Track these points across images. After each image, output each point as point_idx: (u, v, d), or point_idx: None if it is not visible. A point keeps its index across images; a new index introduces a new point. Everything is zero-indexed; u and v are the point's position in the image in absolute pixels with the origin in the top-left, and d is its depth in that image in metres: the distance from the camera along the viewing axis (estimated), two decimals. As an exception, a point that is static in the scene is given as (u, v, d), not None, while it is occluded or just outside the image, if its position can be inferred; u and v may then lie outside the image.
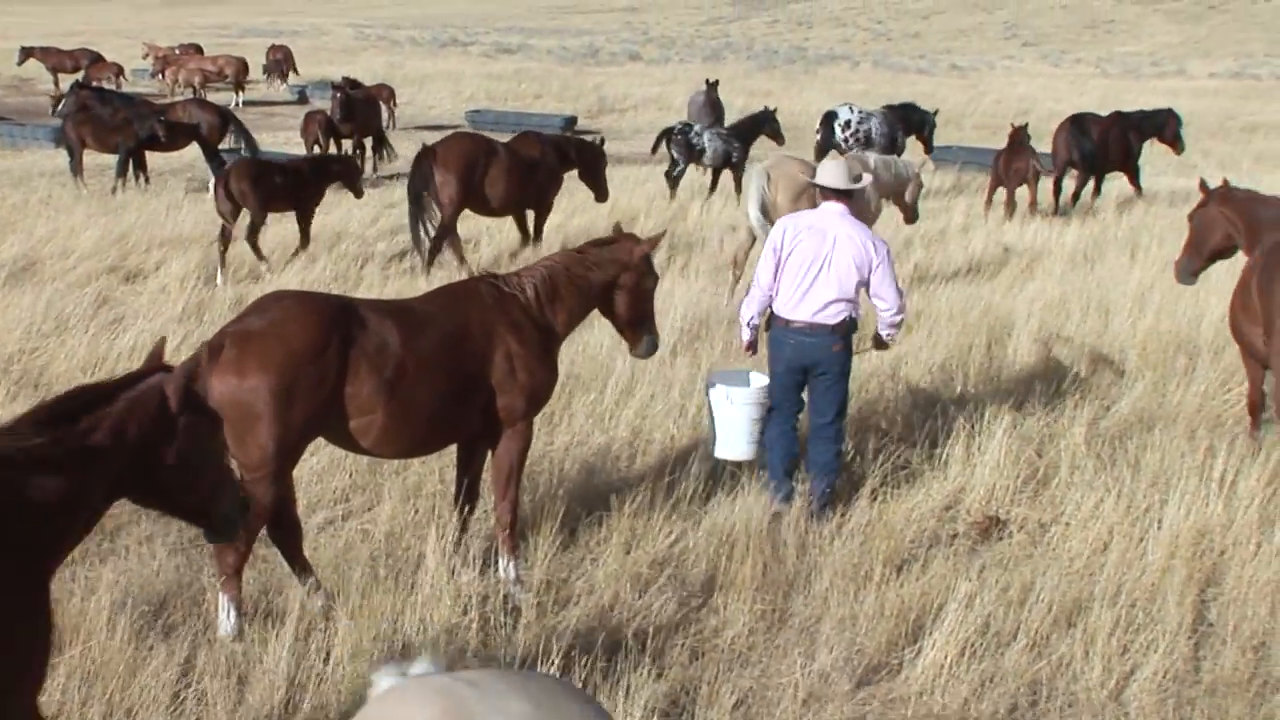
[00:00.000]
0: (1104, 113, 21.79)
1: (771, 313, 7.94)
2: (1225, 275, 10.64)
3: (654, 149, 21.35)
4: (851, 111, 21.91)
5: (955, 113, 28.95)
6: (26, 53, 40.68)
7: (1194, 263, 9.86)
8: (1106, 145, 20.31)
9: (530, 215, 15.52)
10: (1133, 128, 21.00)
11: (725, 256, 14.22)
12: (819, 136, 21.56)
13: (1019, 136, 19.89)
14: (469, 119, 34.16)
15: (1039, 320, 11.75)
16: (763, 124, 21.63)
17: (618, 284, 7.13)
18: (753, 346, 8.31)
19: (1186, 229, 10.13)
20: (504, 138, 15.99)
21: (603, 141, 17.31)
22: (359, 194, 15.99)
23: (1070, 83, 56.62)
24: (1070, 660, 6.08)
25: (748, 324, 8.15)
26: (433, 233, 14.38)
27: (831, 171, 8.04)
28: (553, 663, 5.59)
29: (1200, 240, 9.78)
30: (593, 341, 10.40)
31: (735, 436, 7.93)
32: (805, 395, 8.00)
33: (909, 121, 22.95)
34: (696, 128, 20.82)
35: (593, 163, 16.42)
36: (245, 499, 4.88)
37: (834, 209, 7.90)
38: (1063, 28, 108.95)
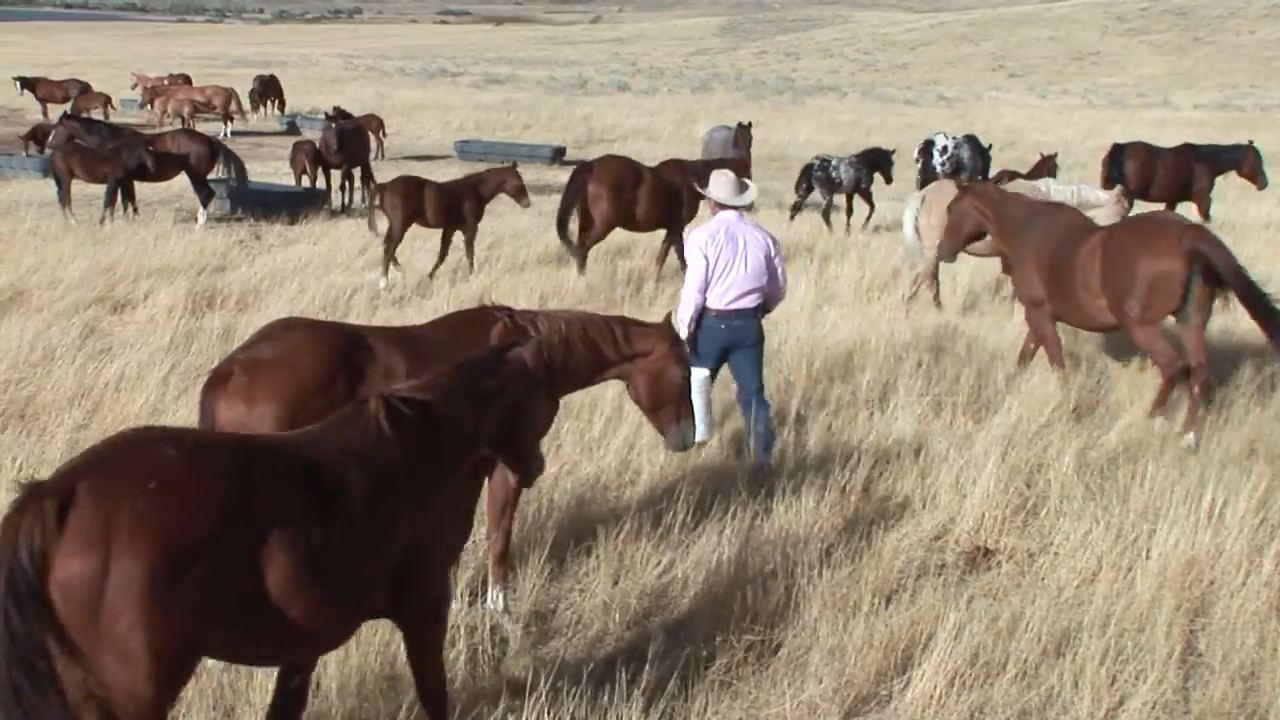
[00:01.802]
0: (1092, 140, 22.18)
1: (704, 307, 9.13)
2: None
3: (798, 186, 22.21)
4: (946, 138, 23.64)
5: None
6: (28, 84, 40.83)
7: (954, 245, 12.08)
8: (1155, 175, 20.91)
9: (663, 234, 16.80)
10: (1201, 160, 21.55)
11: (918, 279, 14.84)
12: (919, 164, 23.23)
13: (1047, 165, 20.39)
14: (457, 149, 34.24)
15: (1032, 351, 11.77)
16: (884, 160, 22.78)
17: (637, 370, 6.91)
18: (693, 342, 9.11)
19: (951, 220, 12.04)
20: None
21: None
22: (525, 204, 17.09)
23: (1056, 113, 57.02)
24: (1060, 691, 6.06)
25: (687, 324, 9.09)
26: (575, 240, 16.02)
27: (725, 187, 9.27)
28: (541, 694, 5.56)
29: (957, 228, 11.90)
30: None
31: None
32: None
33: (978, 148, 24.12)
34: (833, 160, 22.15)
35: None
36: (543, 459, 5.49)
37: (732, 216, 9.23)
38: (1049, 59, 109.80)
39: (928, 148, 23.46)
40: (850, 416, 9.89)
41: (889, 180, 22.87)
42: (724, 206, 9.24)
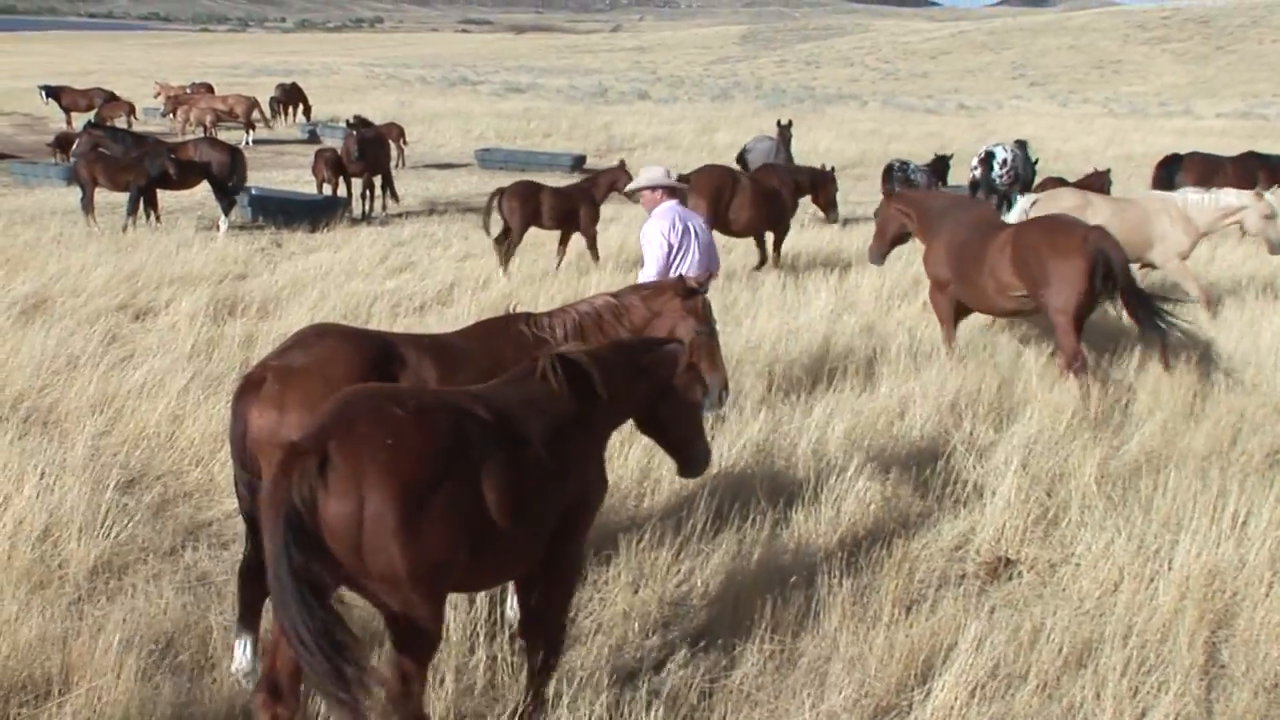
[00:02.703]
0: (1108, 151, 22.24)
1: None
2: (1235, 308, 10.60)
3: (884, 182, 23.27)
4: (1005, 150, 24.01)
5: (965, 152, 29.03)
6: (52, 92, 41.15)
7: (881, 248, 13.25)
8: (1215, 184, 20.95)
9: (769, 237, 17.84)
10: (1264, 168, 21.62)
11: None
12: (978, 174, 23.71)
13: (1101, 179, 21.11)
14: (478, 157, 34.31)
15: (1048, 359, 11.74)
16: (946, 167, 24.55)
17: (654, 331, 7.03)
18: None
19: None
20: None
21: (833, 170, 20.37)
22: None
23: (1077, 122, 56.86)
24: (1081, 702, 6.03)
25: None
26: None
27: (657, 176, 9.99)
28: (561, 702, 5.56)
29: (883, 231, 13.12)
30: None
31: None
32: None
33: (1026, 156, 24.65)
34: (912, 165, 23.61)
35: (825, 188, 19.66)
36: (708, 452, 6.11)
37: (676, 205, 9.88)
38: (1070, 68, 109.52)
39: (988, 159, 23.90)
40: (869, 424, 9.86)
41: (945, 185, 23.98)
42: (666, 195, 9.86)
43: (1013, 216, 14.87)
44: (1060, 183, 21.02)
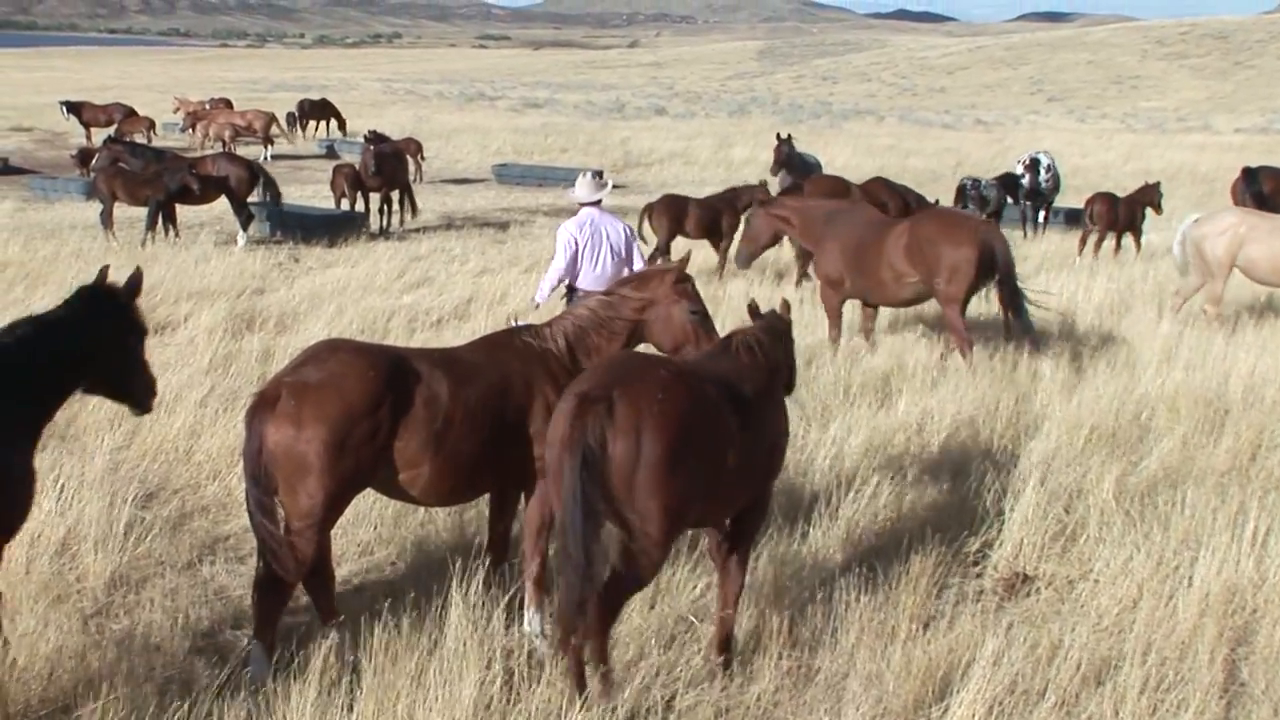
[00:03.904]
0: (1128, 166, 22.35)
1: (573, 288, 10.74)
2: (1255, 325, 10.55)
3: (956, 200, 23.32)
4: (1048, 158, 25.72)
5: (980, 167, 29.02)
6: (73, 108, 41.42)
7: (752, 252, 14.38)
8: None
9: None
10: None
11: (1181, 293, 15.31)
12: (1026, 180, 25.03)
13: (1151, 195, 21.63)
14: (495, 173, 34.39)
15: (1065, 374, 11.71)
16: (1015, 184, 25.06)
17: (649, 320, 7.15)
18: (538, 307, 10.95)
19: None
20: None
21: (937, 202, 20.32)
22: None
23: (1096, 137, 56.76)
24: (1100, 719, 6.00)
25: (543, 296, 10.89)
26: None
27: (585, 187, 10.95)
28: (577, 718, 5.55)
29: (755, 238, 14.24)
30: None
31: None
32: None
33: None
34: (984, 181, 23.88)
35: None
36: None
37: (594, 211, 10.82)
38: (1088, 83, 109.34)
39: (1034, 165, 25.17)
40: (886, 439, 9.84)
41: (1017, 200, 25.02)
42: (587, 204, 10.87)
43: (1176, 236, 15.31)
44: (1110, 197, 21.26)
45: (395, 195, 23.92)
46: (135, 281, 6.58)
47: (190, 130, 39.44)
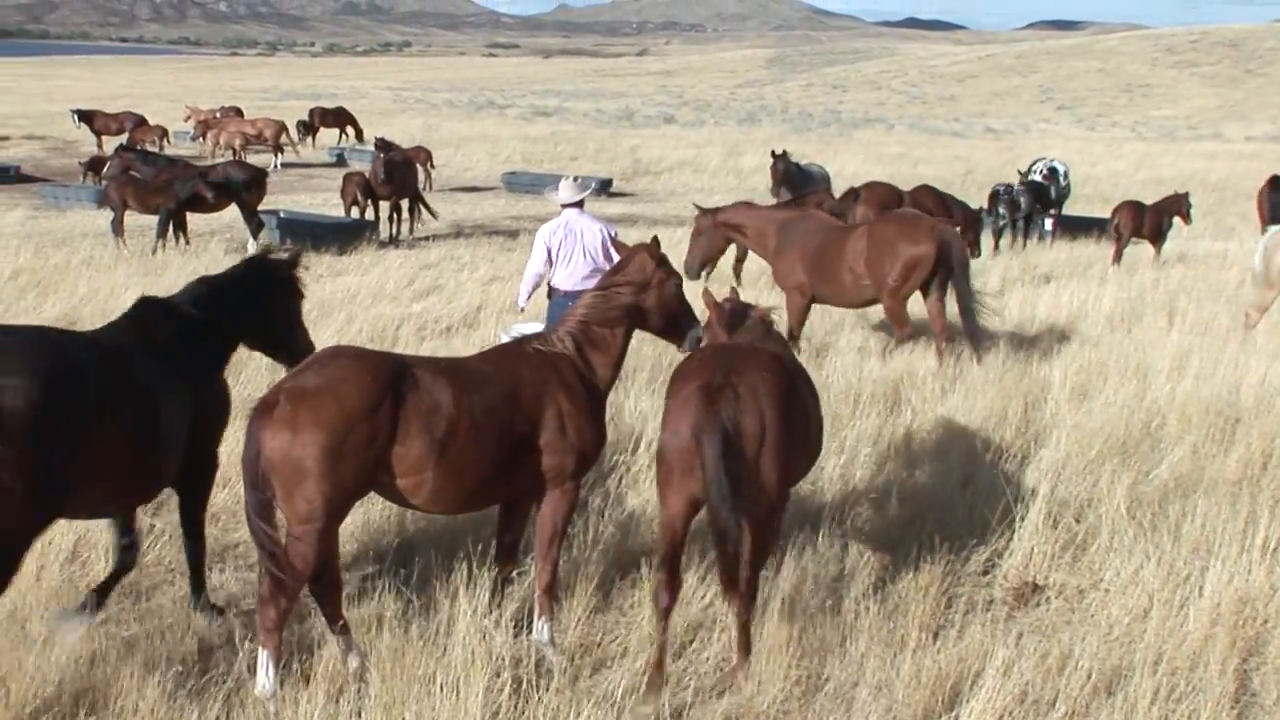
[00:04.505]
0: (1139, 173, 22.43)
1: (552, 287, 11.41)
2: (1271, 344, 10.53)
3: (990, 208, 24.14)
4: (1063, 165, 26.67)
5: (990, 176, 28.99)
6: (84, 116, 41.60)
7: (699, 262, 14.22)
8: None
9: None
10: None
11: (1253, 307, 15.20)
12: (1051, 188, 25.60)
13: (1179, 204, 21.72)
14: (505, 181, 34.43)
15: (1075, 383, 11.69)
16: (1045, 190, 25.52)
17: (644, 304, 7.16)
18: (523, 310, 12.08)
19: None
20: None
21: (980, 210, 21.41)
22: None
23: (1106, 145, 56.70)
24: (1111, 730, 5.98)
25: (523, 299, 11.78)
26: None
27: (566, 189, 11.51)
28: (586, 727, 5.54)
29: (704, 248, 14.20)
30: (626, 404, 10.41)
31: None
32: None
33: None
34: (1016, 187, 24.66)
35: (972, 221, 20.31)
36: None
37: (574, 213, 11.41)
38: (1098, 91, 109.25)
39: (1053, 174, 25.87)
40: (896, 448, 9.82)
41: (1046, 207, 25.26)
42: (569, 206, 11.40)
43: (1258, 249, 15.12)
44: (1138, 205, 21.32)
45: (405, 203, 23.98)
46: (297, 254, 7.88)
47: (201, 138, 39.55)
